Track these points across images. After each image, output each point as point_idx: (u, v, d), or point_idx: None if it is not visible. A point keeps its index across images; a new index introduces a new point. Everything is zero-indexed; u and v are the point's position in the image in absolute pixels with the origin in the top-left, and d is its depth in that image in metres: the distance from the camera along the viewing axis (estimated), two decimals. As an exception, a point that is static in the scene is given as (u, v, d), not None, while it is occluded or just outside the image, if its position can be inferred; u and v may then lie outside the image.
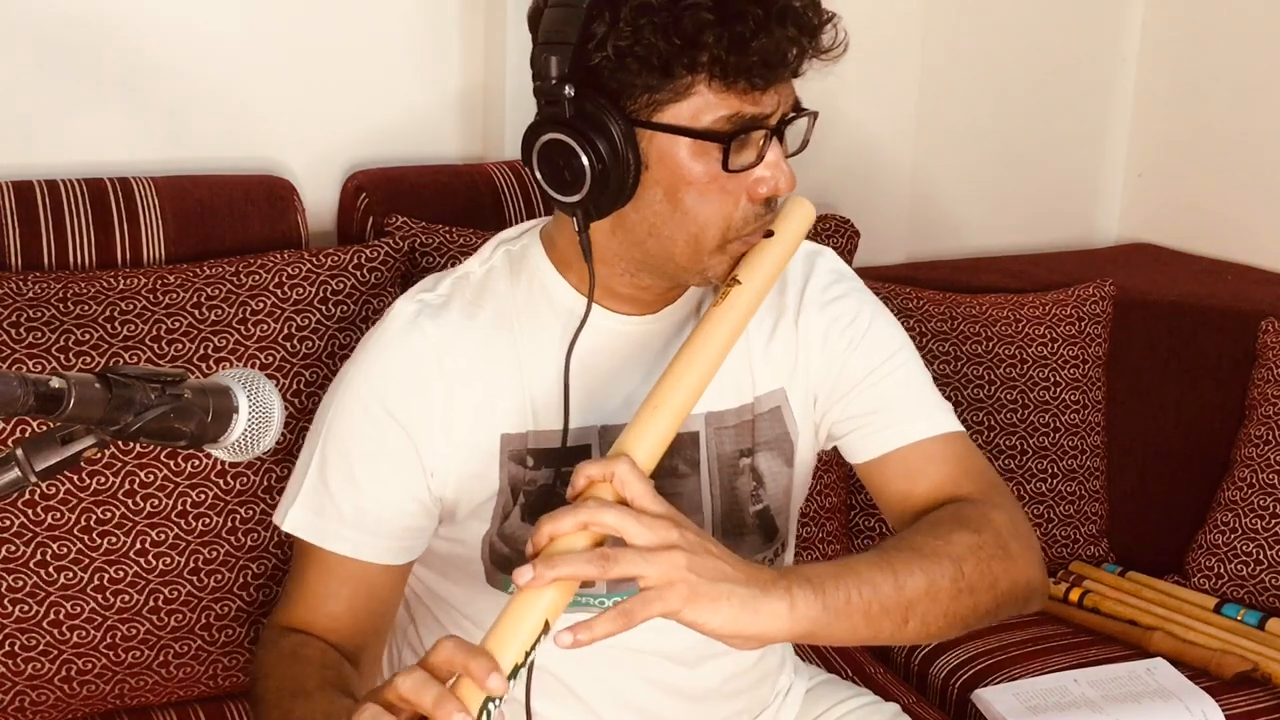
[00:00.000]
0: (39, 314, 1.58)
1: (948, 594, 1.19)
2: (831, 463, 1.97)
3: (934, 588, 1.18)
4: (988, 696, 1.80)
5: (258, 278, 1.69)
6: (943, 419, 1.37)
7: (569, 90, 1.17)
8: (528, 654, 1.02)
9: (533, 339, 1.30)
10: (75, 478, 1.56)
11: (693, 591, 1.05)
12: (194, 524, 1.61)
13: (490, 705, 0.98)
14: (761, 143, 1.19)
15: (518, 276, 1.33)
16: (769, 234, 1.26)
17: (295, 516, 1.31)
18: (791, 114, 1.22)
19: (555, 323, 1.30)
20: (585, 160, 1.17)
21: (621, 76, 1.16)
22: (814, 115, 1.24)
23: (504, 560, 1.32)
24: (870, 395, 1.36)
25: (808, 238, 1.36)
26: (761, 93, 1.17)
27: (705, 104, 1.17)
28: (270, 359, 1.65)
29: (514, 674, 1.01)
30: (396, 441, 1.28)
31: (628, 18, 1.13)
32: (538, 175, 1.23)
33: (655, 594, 1.05)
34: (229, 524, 1.62)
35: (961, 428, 1.39)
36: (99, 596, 1.57)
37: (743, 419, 1.36)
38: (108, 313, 1.61)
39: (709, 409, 1.34)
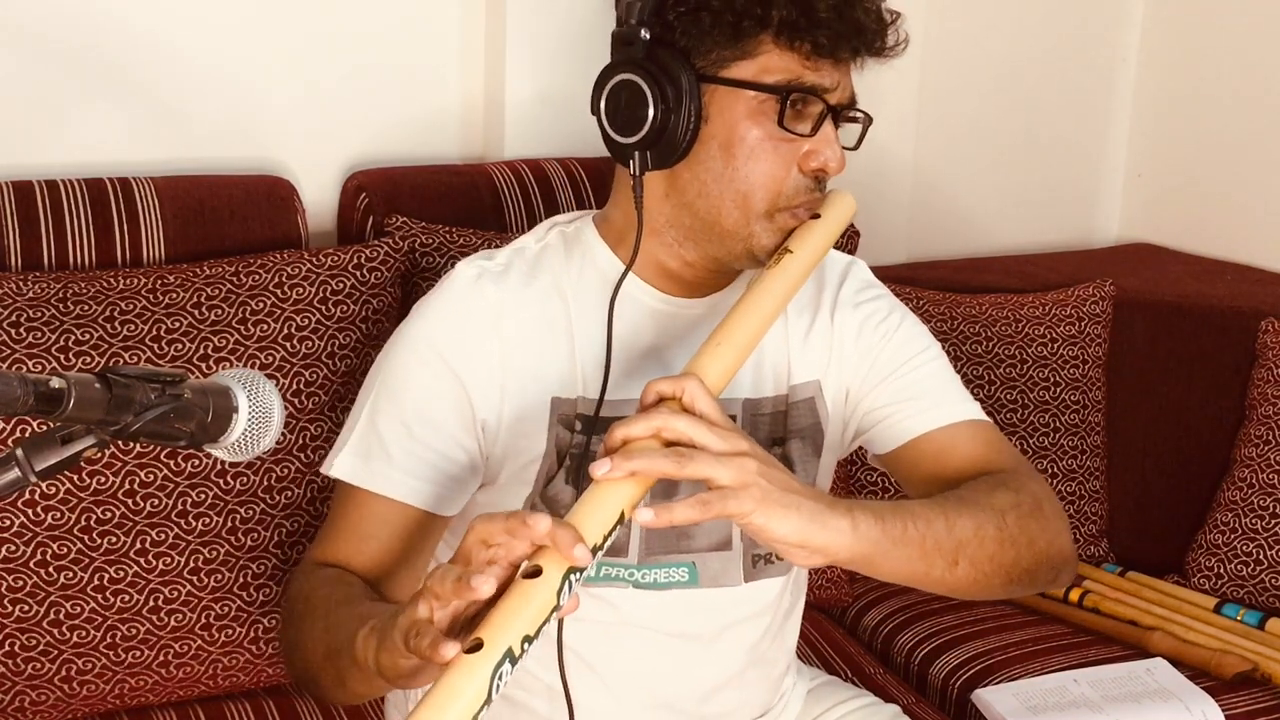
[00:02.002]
0: (39, 314, 1.58)
1: (994, 540, 1.22)
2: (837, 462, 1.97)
3: (981, 532, 1.22)
4: (988, 696, 1.80)
5: (258, 278, 1.69)
6: (972, 407, 1.41)
7: (645, 34, 1.24)
8: (606, 537, 1.04)
9: (584, 309, 1.34)
10: (75, 478, 1.56)
11: (765, 495, 1.07)
12: (194, 524, 1.61)
13: (571, 577, 0.99)
14: (818, 117, 1.26)
15: (571, 253, 1.37)
16: (815, 217, 1.30)
17: (343, 462, 1.32)
18: (849, 108, 1.29)
19: (606, 295, 1.33)
20: (650, 102, 1.24)
21: (694, 31, 1.23)
22: (869, 118, 1.31)
23: None
24: (901, 384, 1.39)
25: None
26: (823, 61, 1.24)
27: (770, 64, 1.24)
28: (270, 359, 1.65)
29: (593, 553, 1.01)
30: (451, 390, 1.30)
31: None
32: (602, 117, 1.28)
33: (730, 492, 1.07)
34: (229, 524, 1.62)
35: (989, 420, 1.42)
36: (99, 596, 1.57)
37: (778, 408, 1.39)
38: (108, 313, 1.61)
39: (746, 395, 1.37)
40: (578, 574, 1.00)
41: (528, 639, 0.96)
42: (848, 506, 1.12)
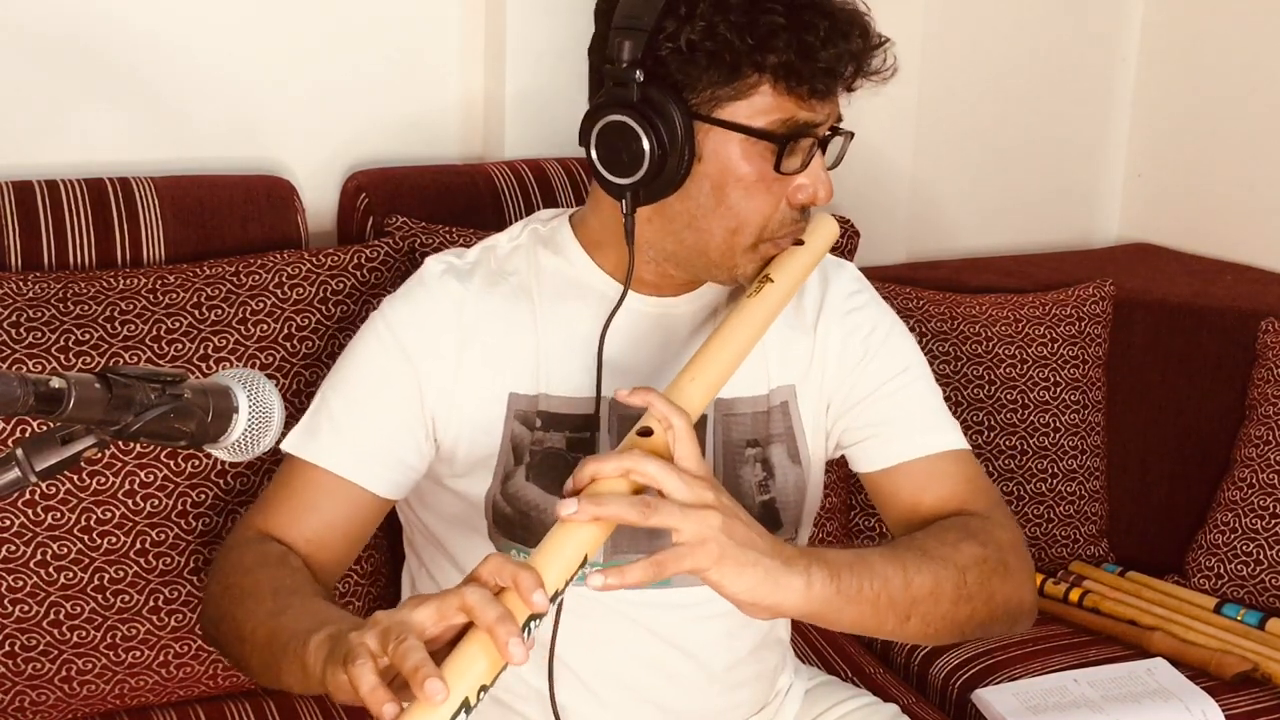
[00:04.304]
0: (39, 314, 1.58)
1: (950, 598, 1.23)
2: (832, 463, 1.97)
3: (938, 590, 1.22)
4: (988, 696, 1.80)
5: (258, 278, 1.69)
6: (953, 436, 1.41)
7: (639, 75, 1.21)
8: (567, 582, 1.05)
9: (552, 309, 1.35)
10: (75, 478, 1.56)
11: (723, 553, 1.08)
12: (194, 524, 1.61)
13: (531, 623, 1.00)
14: (808, 151, 1.25)
15: (544, 253, 1.38)
16: (799, 242, 1.30)
17: (294, 436, 1.34)
18: (833, 130, 1.28)
19: (578, 296, 1.35)
20: (646, 144, 1.22)
21: (688, 69, 1.21)
22: (850, 135, 1.30)
23: (506, 521, 1.34)
24: (884, 406, 1.40)
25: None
26: (818, 101, 1.23)
27: (765, 105, 1.22)
28: (270, 359, 1.65)
29: (552, 599, 1.02)
30: (404, 377, 1.32)
31: (704, 13, 1.19)
32: (593, 155, 1.27)
33: (687, 550, 1.08)
34: (229, 524, 1.62)
35: (969, 446, 1.42)
36: (99, 596, 1.57)
37: (757, 409, 1.39)
38: (108, 313, 1.61)
39: (719, 395, 1.36)
40: (537, 620, 1.00)
41: (484, 688, 0.97)
42: (806, 564, 1.13)
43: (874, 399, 1.40)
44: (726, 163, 1.24)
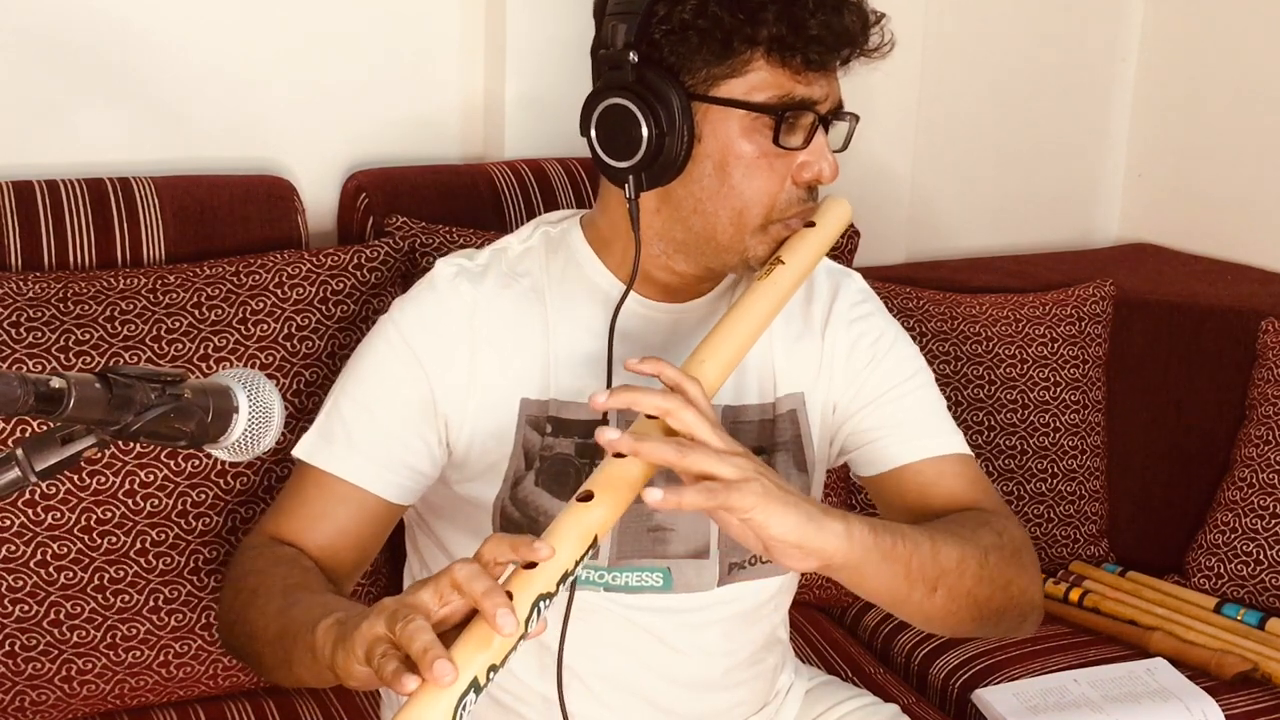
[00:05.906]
0: (39, 314, 1.58)
1: (973, 575, 1.24)
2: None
3: (963, 565, 1.23)
4: (988, 696, 1.80)
5: (258, 278, 1.69)
6: (958, 440, 1.42)
7: (633, 57, 1.23)
8: (577, 562, 1.05)
9: (563, 313, 1.35)
10: (75, 478, 1.56)
11: (766, 492, 1.09)
12: (194, 524, 1.61)
13: (541, 604, 1.00)
14: (809, 128, 1.26)
15: (554, 255, 1.37)
16: (810, 224, 1.30)
17: (307, 441, 1.34)
18: (837, 112, 1.29)
19: (588, 300, 1.35)
20: (644, 125, 1.23)
21: (682, 50, 1.23)
22: (855, 118, 1.30)
23: (514, 527, 1.34)
24: (888, 410, 1.40)
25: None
26: (814, 74, 1.24)
27: (760, 81, 1.23)
28: (270, 359, 1.65)
29: (563, 580, 1.02)
30: (416, 381, 1.32)
31: None
32: (594, 141, 1.28)
33: (735, 486, 1.08)
34: (229, 524, 1.63)
35: (972, 453, 1.43)
36: (99, 596, 1.58)
37: (764, 417, 1.39)
38: (108, 313, 1.61)
39: (726, 403, 1.37)
40: (546, 600, 1.00)
41: (493, 668, 0.97)
42: (842, 513, 1.14)
43: (880, 403, 1.40)
44: (727, 141, 1.24)
